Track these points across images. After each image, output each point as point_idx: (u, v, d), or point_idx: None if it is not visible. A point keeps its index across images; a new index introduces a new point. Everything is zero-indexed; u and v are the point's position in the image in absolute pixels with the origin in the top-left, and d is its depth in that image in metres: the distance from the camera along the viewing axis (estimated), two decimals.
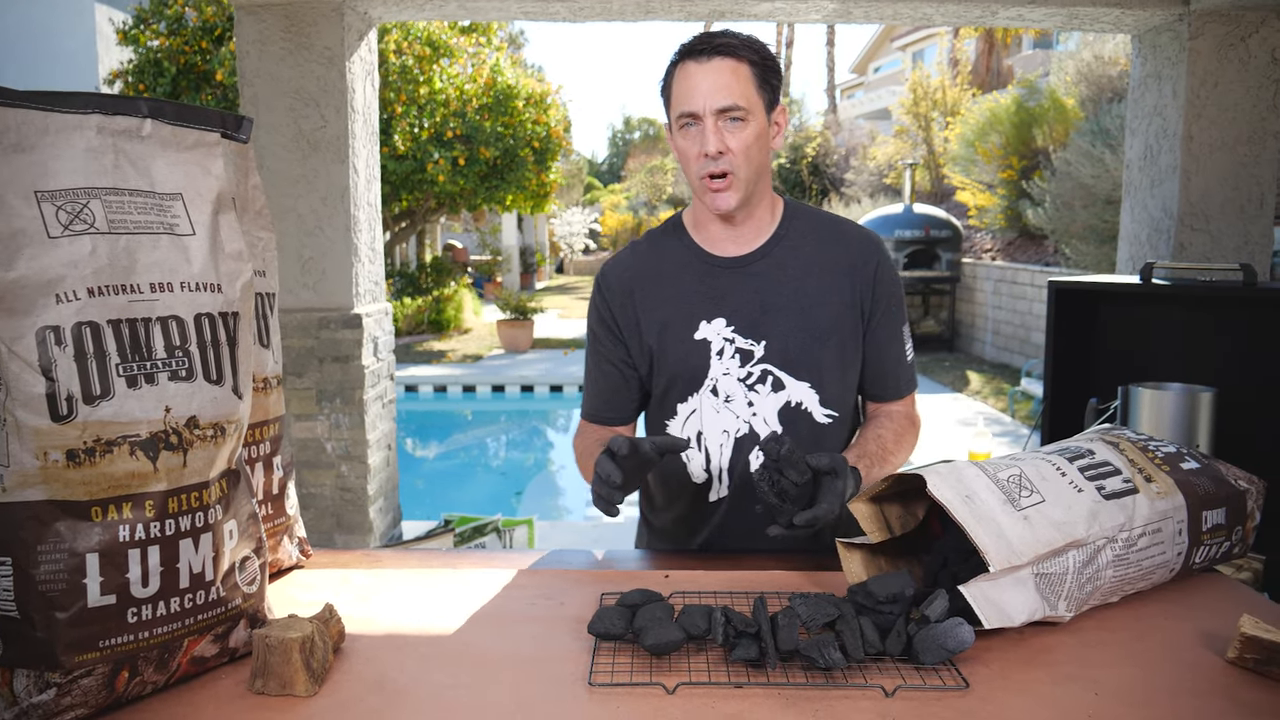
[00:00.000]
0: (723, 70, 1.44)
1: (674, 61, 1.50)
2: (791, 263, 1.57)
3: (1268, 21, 3.70)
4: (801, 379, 1.55)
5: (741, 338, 1.54)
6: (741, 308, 1.55)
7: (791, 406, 1.55)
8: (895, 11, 3.77)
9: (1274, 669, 1.05)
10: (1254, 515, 1.41)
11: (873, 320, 1.59)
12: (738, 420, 1.55)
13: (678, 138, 1.50)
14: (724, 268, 1.57)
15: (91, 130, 0.98)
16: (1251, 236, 3.80)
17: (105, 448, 0.92)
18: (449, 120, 10.94)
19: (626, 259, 1.64)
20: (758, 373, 1.54)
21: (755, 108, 1.46)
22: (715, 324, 1.55)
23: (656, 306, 1.57)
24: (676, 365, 1.56)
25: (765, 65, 1.48)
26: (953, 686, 1.01)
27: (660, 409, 1.62)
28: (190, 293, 1.01)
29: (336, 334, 3.86)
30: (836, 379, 1.57)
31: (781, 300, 1.55)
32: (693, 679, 1.03)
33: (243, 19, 3.77)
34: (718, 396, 1.55)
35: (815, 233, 1.60)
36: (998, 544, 1.12)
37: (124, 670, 0.95)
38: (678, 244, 1.61)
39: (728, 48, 1.44)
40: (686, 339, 1.55)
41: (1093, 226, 8.92)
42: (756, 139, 1.47)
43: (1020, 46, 22.39)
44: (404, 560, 1.48)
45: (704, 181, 1.49)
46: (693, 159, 1.48)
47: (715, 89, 1.43)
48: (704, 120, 1.44)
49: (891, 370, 1.62)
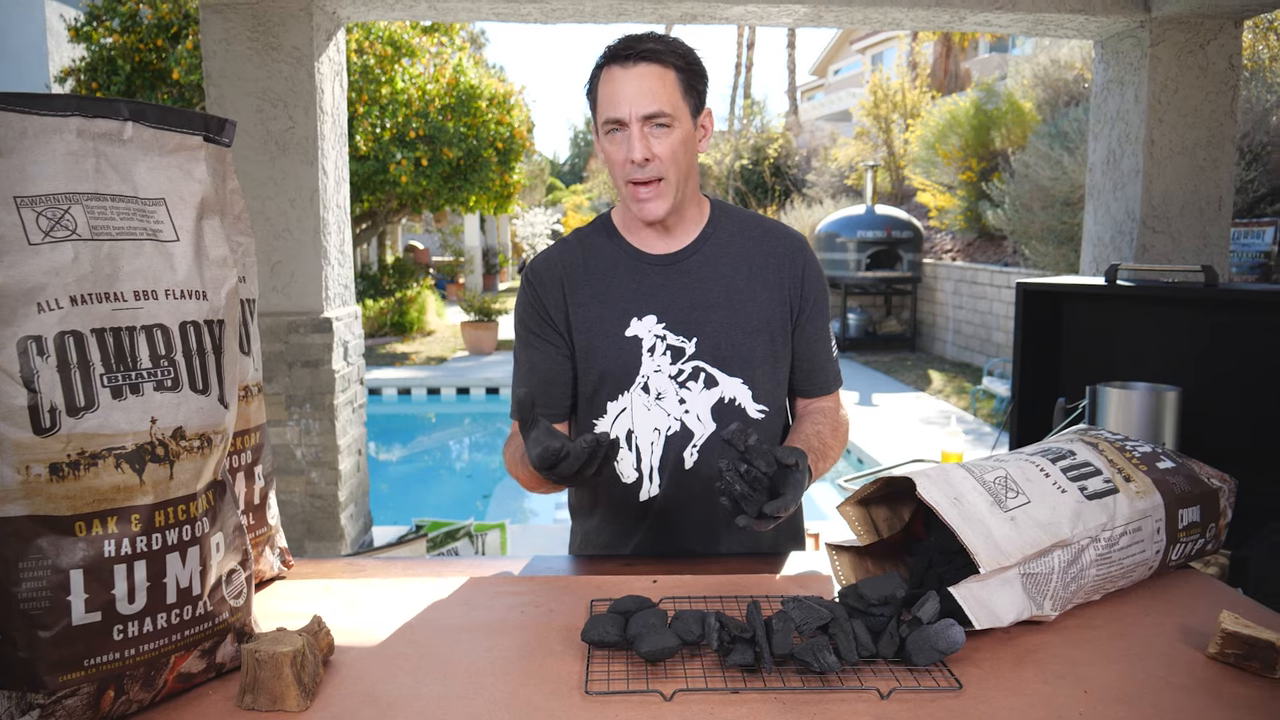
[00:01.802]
0: (648, 76, 1.43)
1: (599, 65, 1.49)
2: (721, 260, 1.58)
3: (1225, 29, 3.80)
4: (734, 374, 1.55)
5: (673, 334, 1.54)
6: (673, 304, 1.55)
7: (725, 403, 1.56)
8: (865, 16, 3.81)
9: (1253, 663, 1.07)
10: (1226, 513, 1.44)
11: (801, 317, 1.61)
12: (669, 418, 1.55)
13: (604, 142, 1.50)
14: (655, 265, 1.57)
15: (71, 133, 0.95)
16: (1210, 238, 3.90)
17: (89, 461, 0.90)
18: (411, 120, 10.84)
19: (555, 254, 1.62)
20: (689, 369, 1.55)
21: (681, 113, 1.46)
22: (646, 321, 1.54)
23: (586, 303, 1.56)
24: (607, 363, 1.55)
25: (691, 70, 1.48)
26: (946, 687, 1.02)
27: (590, 407, 1.60)
28: (175, 300, 0.99)
29: (306, 338, 3.80)
30: (768, 374, 1.58)
31: (712, 297, 1.55)
32: (689, 685, 1.02)
33: (208, 18, 3.70)
34: (649, 394, 1.55)
35: (743, 231, 1.61)
36: (986, 545, 1.14)
37: (109, 689, 0.92)
38: (607, 242, 1.61)
39: (653, 54, 1.44)
40: (617, 336, 1.55)
41: (1051, 227, 9.08)
42: (683, 144, 1.47)
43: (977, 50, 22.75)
44: (387, 569, 1.46)
45: (630, 188, 1.48)
46: (619, 164, 1.48)
47: (640, 95, 1.43)
48: (630, 126, 1.44)
49: (820, 366, 1.64)
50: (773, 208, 18.33)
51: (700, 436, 1.55)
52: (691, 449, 1.55)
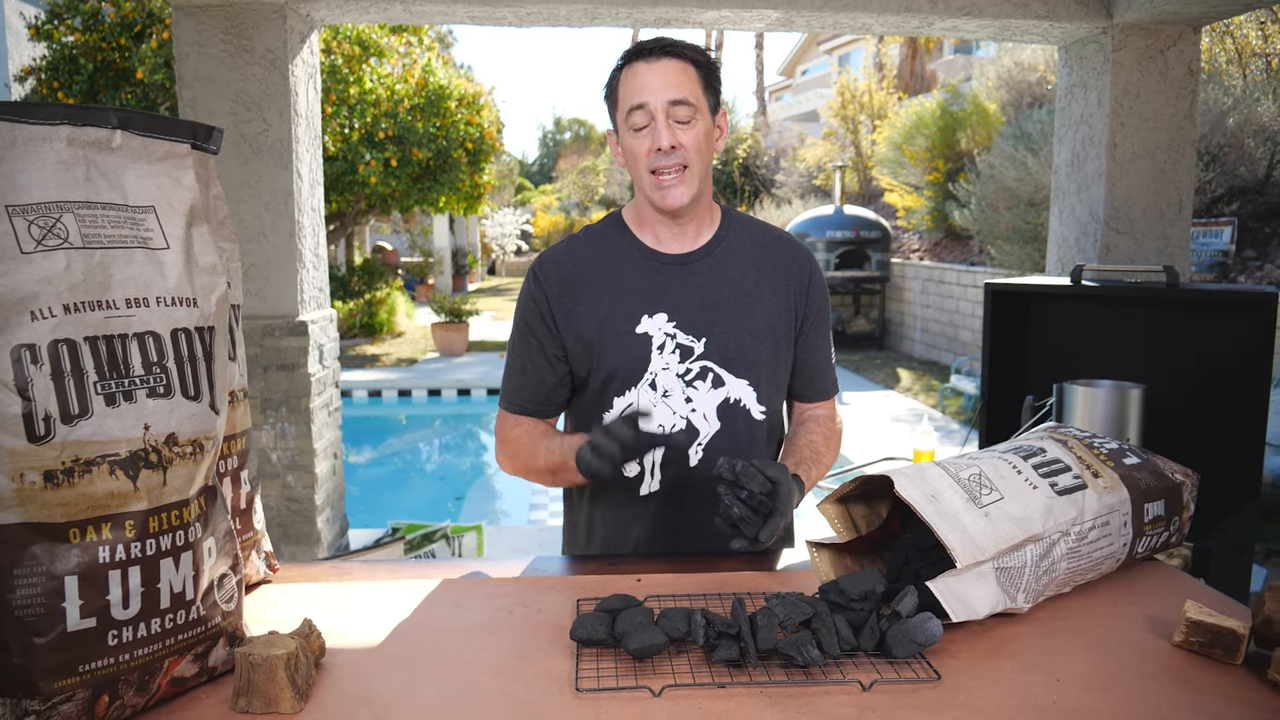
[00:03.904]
0: (671, 69, 1.49)
1: (620, 65, 1.53)
2: (733, 263, 1.61)
3: (1185, 35, 3.90)
4: (740, 376, 1.59)
5: (683, 333, 1.57)
6: (684, 304, 1.58)
7: (730, 403, 1.59)
8: (836, 21, 3.86)
9: (1216, 650, 1.12)
10: (1189, 506, 1.49)
11: (805, 325, 1.66)
12: (674, 415, 1.58)
13: (626, 137, 1.53)
14: (667, 264, 1.60)
15: (61, 142, 0.95)
16: (1171, 239, 4.00)
17: (84, 468, 0.91)
18: (380, 121, 10.77)
19: (565, 251, 1.64)
20: (697, 369, 1.57)
21: (702, 106, 1.52)
22: (657, 319, 1.57)
23: (597, 299, 1.58)
24: (616, 359, 1.57)
25: (709, 68, 1.54)
26: (926, 679, 1.06)
27: (598, 402, 1.62)
28: (166, 307, 0.99)
29: (281, 341, 3.78)
30: (771, 378, 1.62)
31: (723, 298, 1.59)
32: (677, 681, 1.05)
33: (180, 20, 3.66)
34: (655, 391, 1.58)
35: (753, 237, 1.66)
36: (962, 540, 1.17)
37: (104, 694, 0.93)
38: (619, 239, 1.63)
39: (675, 49, 1.50)
40: (627, 333, 1.57)
41: (1016, 227, 9.22)
42: (705, 136, 1.52)
43: (942, 51, 23.00)
44: (373, 572, 1.47)
45: (654, 177, 1.51)
46: (643, 155, 1.51)
47: (666, 85, 1.48)
48: (655, 116, 1.48)
49: (821, 373, 1.70)
50: (742, 208, 18.41)
51: (705, 435, 1.58)
52: (696, 447, 1.58)
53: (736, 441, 1.58)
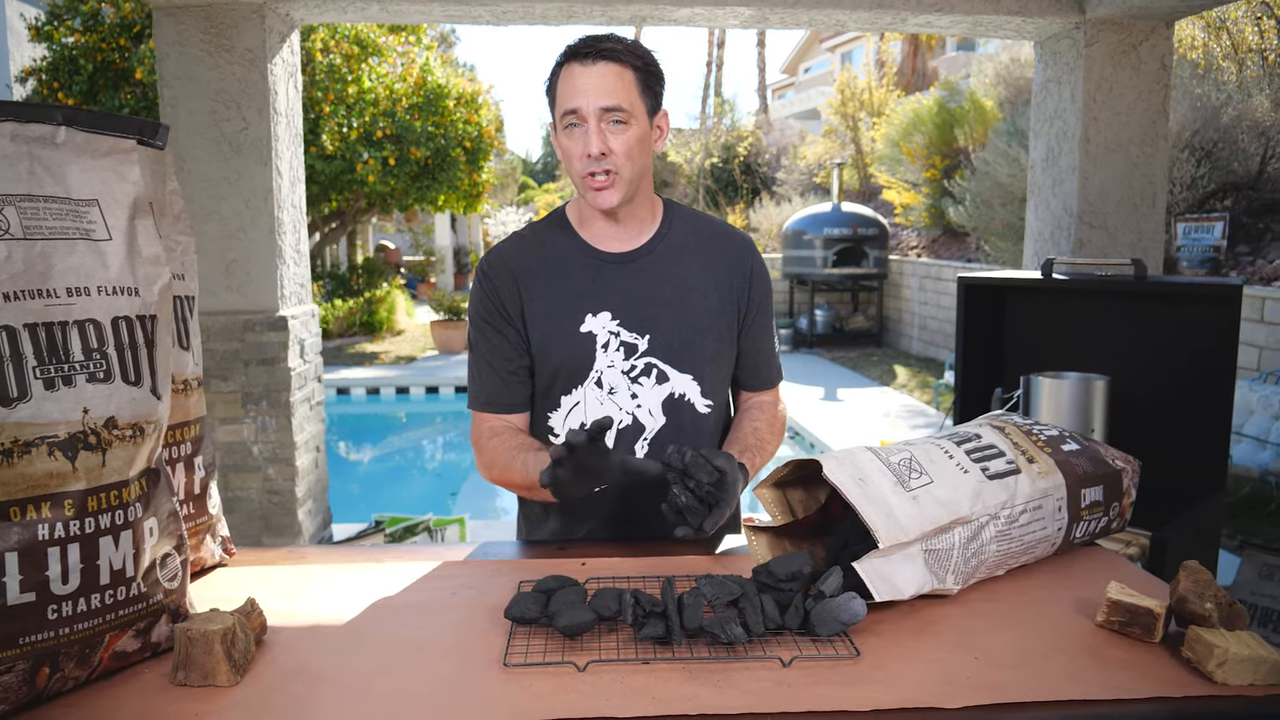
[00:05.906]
0: (606, 74, 1.48)
1: (559, 62, 1.54)
2: (674, 259, 1.64)
3: (1157, 30, 3.92)
4: (684, 371, 1.62)
5: (626, 331, 1.60)
6: (627, 302, 1.60)
7: (675, 398, 1.62)
8: (810, 18, 3.89)
9: (1135, 629, 1.15)
10: (1130, 492, 1.52)
11: (748, 316, 1.68)
12: (621, 412, 1.61)
13: (562, 137, 1.54)
14: (610, 263, 1.62)
15: (5, 138, 0.99)
16: (1144, 233, 4.03)
17: (23, 449, 0.94)
18: (379, 120, 10.82)
19: (511, 248, 1.66)
20: (641, 365, 1.61)
21: (638, 111, 1.52)
22: (601, 317, 1.60)
23: (541, 298, 1.61)
24: (561, 357, 1.60)
25: (648, 71, 1.53)
26: (845, 655, 1.09)
27: (544, 401, 1.65)
28: (107, 296, 1.03)
29: (262, 336, 3.83)
30: (715, 371, 1.65)
31: (665, 295, 1.61)
32: (603, 656, 1.08)
33: (161, 20, 3.71)
34: (601, 389, 1.61)
35: (695, 232, 1.68)
36: (887, 522, 1.21)
37: (44, 666, 0.97)
38: (562, 237, 1.65)
39: (612, 52, 1.49)
40: (572, 332, 1.59)
41: (1010, 224, 9.23)
42: (639, 141, 1.52)
43: (944, 49, 23.00)
44: (328, 556, 1.51)
45: (586, 180, 1.53)
46: (576, 158, 1.53)
47: (599, 90, 1.48)
48: (588, 120, 1.49)
49: (765, 362, 1.73)
50: (741, 205, 18.45)
51: (651, 430, 1.61)
52: (642, 442, 1.62)
53: (682, 435, 1.61)
